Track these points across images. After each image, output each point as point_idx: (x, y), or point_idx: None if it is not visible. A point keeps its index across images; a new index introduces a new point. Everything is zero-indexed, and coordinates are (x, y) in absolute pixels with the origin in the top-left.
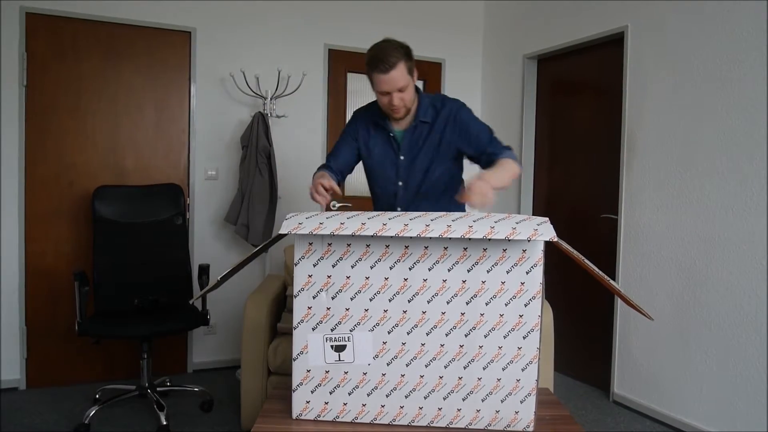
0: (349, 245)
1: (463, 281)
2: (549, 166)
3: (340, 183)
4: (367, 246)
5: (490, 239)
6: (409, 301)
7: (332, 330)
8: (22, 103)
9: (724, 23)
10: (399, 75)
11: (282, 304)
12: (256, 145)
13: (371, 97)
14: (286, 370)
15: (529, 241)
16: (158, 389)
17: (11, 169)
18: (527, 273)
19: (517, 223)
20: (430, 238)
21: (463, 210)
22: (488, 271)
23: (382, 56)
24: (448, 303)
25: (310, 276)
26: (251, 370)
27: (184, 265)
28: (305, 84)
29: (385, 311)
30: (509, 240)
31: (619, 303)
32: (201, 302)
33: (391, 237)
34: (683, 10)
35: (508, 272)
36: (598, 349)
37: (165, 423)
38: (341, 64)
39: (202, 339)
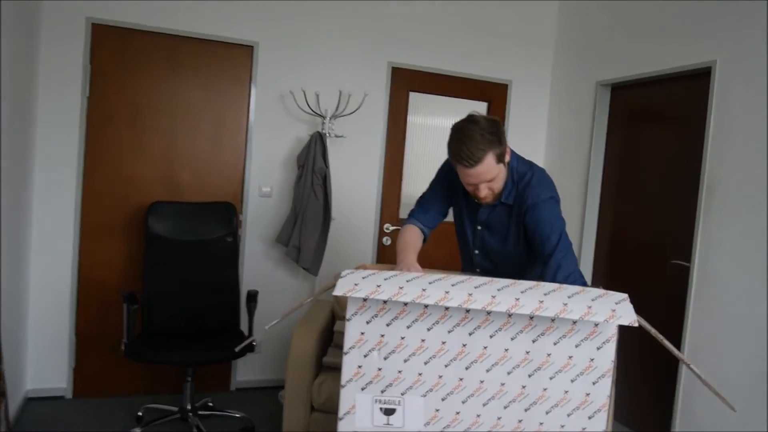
0: (405, 304)
1: (527, 352)
2: (616, 201)
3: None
4: (425, 307)
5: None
6: (466, 369)
7: (382, 392)
8: (83, 114)
9: None
10: (486, 168)
11: (329, 336)
12: (312, 166)
13: (434, 117)
14: (330, 407)
15: (606, 322)
16: (200, 412)
17: (70, 180)
18: (598, 349)
19: (592, 300)
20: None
21: None
22: (555, 344)
23: (467, 151)
24: (508, 374)
25: (362, 334)
26: (294, 404)
27: (233, 287)
28: (366, 103)
29: (440, 377)
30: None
31: (687, 345)
32: (248, 327)
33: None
34: None
35: (576, 346)
36: (660, 403)
37: None
38: (404, 83)
39: (246, 358)
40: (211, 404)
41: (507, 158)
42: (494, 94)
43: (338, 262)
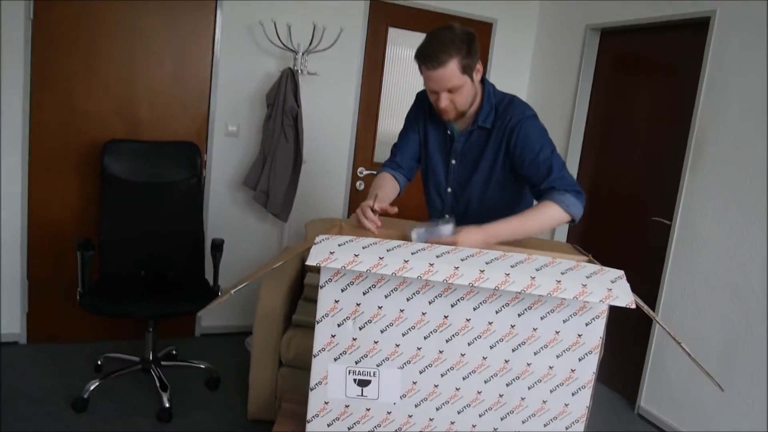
0: (381, 258)
1: (512, 326)
2: (599, 152)
3: (409, 180)
4: (405, 261)
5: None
6: (447, 341)
7: (357, 363)
8: (28, 39)
9: None
10: (448, 74)
11: (300, 288)
12: (282, 106)
13: (411, 59)
14: (299, 363)
15: (602, 303)
16: (162, 363)
17: (14, 112)
18: (587, 325)
19: (587, 277)
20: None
21: None
22: (542, 318)
23: (432, 50)
24: (491, 348)
25: (336, 302)
26: (262, 359)
27: (197, 233)
28: (342, 38)
29: (419, 349)
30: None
31: (662, 301)
32: (213, 277)
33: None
34: None
35: (564, 321)
36: (630, 359)
37: (168, 406)
38: (383, 17)
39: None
40: (174, 352)
41: (477, 75)
42: (477, 33)
43: (309, 208)
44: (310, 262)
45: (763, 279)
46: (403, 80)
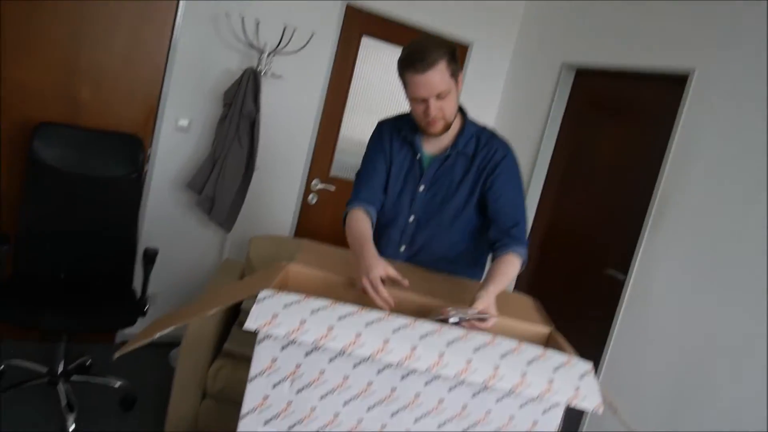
0: (331, 328)
1: (464, 407)
2: (559, 195)
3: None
4: (358, 335)
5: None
6: (392, 415)
7: (290, 427)
8: None
9: None
10: (439, 77)
11: (234, 313)
12: (240, 108)
13: (386, 71)
14: (225, 396)
15: (568, 405)
16: (73, 378)
17: None
18: (544, 413)
19: (554, 370)
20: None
21: (479, 276)
22: (498, 401)
23: (420, 52)
24: (439, 426)
25: (274, 360)
26: (185, 389)
27: (130, 236)
28: (312, 42)
29: (360, 421)
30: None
31: (606, 360)
32: (141, 288)
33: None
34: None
35: (521, 407)
36: (592, 342)
37: (71, 431)
38: (358, 25)
39: None
40: (89, 364)
41: (459, 87)
42: None
43: (255, 220)
44: (249, 326)
45: (712, 350)
46: (371, 93)
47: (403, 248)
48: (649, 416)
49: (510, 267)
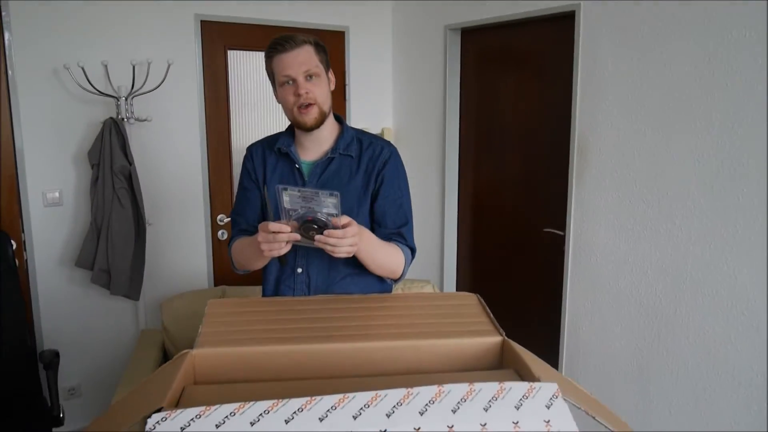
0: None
1: None
2: (478, 163)
3: None
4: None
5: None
6: None
7: None
8: None
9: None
10: (305, 55)
11: None
12: (110, 165)
13: (263, 77)
14: None
15: None
16: None
17: None
18: None
19: (517, 407)
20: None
21: (389, 286)
22: None
23: (286, 37)
24: None
25: None
26: None
27: (22, 337)
28: (173, 72)
29: None
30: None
31: (567, 319)
32: (50, 398)
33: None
34: None
35: None
36: (547, 326)
37: None
38: (218, 39)
39: (63, 402)
40: None
41: (332, 85)
42: (330, 43)
43: (164, 278)
44: None
45: (666, 286)
46: (253, 106)
47: (300, 270)
48: (621, 367)
49: (394, 249)
